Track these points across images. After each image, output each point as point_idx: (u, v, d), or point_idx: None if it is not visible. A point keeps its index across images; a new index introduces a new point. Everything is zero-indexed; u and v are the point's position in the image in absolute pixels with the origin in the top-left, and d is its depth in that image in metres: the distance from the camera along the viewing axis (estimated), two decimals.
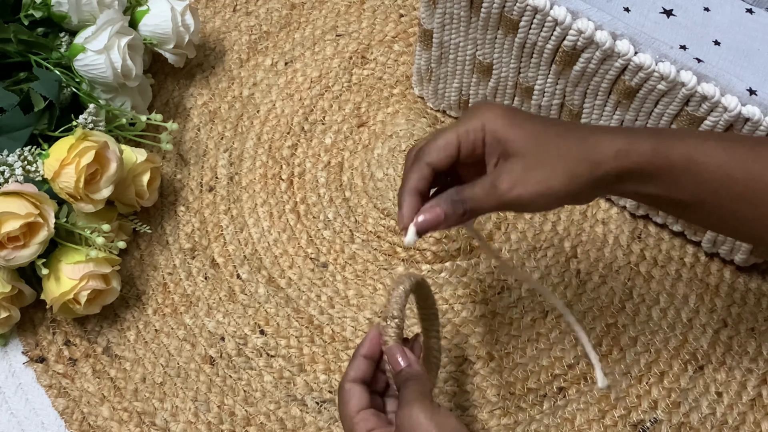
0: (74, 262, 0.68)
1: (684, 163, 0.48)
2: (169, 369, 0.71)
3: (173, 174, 0.81)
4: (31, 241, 0.66)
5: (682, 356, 0.71)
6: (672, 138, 0.49)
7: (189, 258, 0.77)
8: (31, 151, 0.70)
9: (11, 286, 0.69)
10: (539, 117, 0.52)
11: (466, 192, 0.51)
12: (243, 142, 0.83)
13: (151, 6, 0.80)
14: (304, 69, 0.87)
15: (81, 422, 0.69)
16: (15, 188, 0.66)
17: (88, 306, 0.70)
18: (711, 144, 0.49)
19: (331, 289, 0.75)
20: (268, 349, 0.72)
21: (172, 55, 0.82)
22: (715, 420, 0.69)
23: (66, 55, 0.75)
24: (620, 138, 0.49)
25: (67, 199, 0.68)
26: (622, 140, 0.49)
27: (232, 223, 0.78)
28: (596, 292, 0.74)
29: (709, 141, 0.49)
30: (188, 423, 0.69)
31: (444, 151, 0.52)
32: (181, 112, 0.84)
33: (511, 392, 0.70)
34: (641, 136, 0.49)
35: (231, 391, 0.70)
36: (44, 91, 0.72)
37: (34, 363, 0.71)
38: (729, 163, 0.48)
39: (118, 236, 0.73)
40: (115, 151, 0.70)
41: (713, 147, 0.49)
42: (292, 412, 0.69)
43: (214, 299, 0.75)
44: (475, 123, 0.51)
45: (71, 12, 0.76)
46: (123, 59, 0.74)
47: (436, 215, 0.52)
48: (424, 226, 0.52)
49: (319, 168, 0.81)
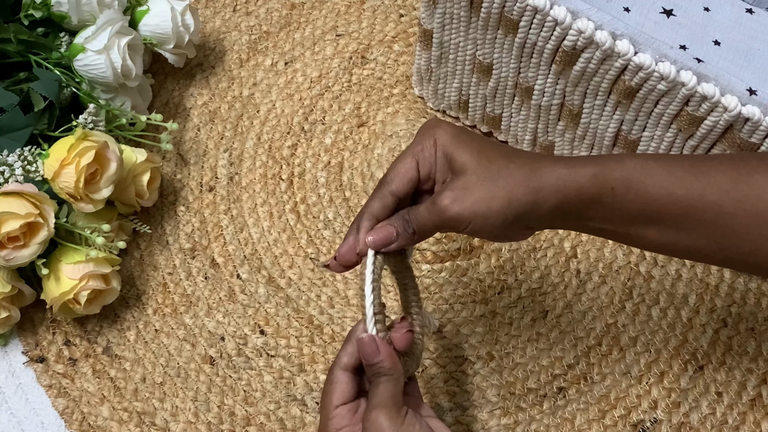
0: (74, 262, 0.68)
1: (625, 185, 0.48)
2: (169, 369, 0.71)
3: (173, 174, 0.81)
4: (31, 241, 0.66)
5: (682, 356, 0.71)
6: (611, 162, 0.49)
7: (189, 258, 0.76)
8: (31, 151, 0.70)
9: (11, 286, 0.69)
10: (487, 138, 0.52)
11: (412, 211, 0.51)
12: (243, 142, 0.83)
13: (151, 6, 0.80)
14: (304, 69, 0.87)
15: (81, 422, 0.69)
16: (15, 188, 0.67)
17: (88, 306, 0.70)
18: (651, 164, 0.49)
19: (331, 289, 0.75)
20: (268, 349, 0.72)
21: (172, 55, 0.82)
22: (715, 420, 0.69)
23: (66, 55, 0.75)
24: (561, 166, 0.49)
25: (67, 199, 0.68)
26: (562, 168, 0.49)
27: (232, 223, 0.78)
28: (596, 292, 0.74)
29: (648, 162, 0.49)
30: (188, 423, 0.69)
31: (405, 175, 0.52)
32: (181, 112, 0.85)
33: (511, 392, 0.69)
34: (581, 163, 0.49)
35: (231, 391, 0.70)
36: (44, 91, 0.72)
37: (34, 363, 0.71)
38: (670, 182, 0.48)
39: (118, 236, 0.74)
40: (115, 151, 0.70)
41: (653, 167, 0.48)
42: (292, 412, 0.69)
43: (214, 299, 0.74)
44: (428, 140, 0.51)
45: (71, 12, 0.76)
46: (123, 59, 0.75)
47: (388, 233, 0.51)
48: (377, 244, 0.51)
49: (319, 168, 0.81)
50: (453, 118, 0.82)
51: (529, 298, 0.74)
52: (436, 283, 0.74)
